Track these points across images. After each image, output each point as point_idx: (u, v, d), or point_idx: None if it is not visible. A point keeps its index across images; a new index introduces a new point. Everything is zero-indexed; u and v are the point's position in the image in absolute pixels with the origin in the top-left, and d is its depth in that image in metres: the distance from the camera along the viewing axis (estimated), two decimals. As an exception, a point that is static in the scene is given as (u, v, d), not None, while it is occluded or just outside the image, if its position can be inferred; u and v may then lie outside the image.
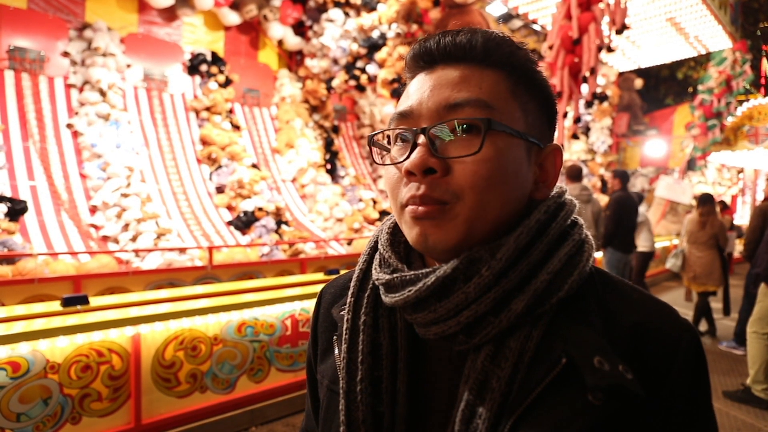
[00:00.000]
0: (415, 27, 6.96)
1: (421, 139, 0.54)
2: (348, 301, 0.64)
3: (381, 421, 0.56)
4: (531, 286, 0.52)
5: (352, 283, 0.65)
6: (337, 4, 8.75)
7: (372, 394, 0.57)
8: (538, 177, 0.59)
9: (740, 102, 10.81)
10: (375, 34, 7.77)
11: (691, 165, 13.13)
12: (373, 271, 0.62)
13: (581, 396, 0.48)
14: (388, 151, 0.60)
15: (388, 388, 0.57)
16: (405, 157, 0.55)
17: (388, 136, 0.60)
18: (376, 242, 0.68)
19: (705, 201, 5.49)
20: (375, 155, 0.62)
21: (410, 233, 0.56)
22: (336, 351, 0.63)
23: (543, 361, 0.50)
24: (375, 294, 0.62)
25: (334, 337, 0.65)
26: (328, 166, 9.37)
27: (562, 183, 0.65)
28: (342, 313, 0.64)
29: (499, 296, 0.51)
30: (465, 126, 0.53)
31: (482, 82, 0.55)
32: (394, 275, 0.57)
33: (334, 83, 8.70)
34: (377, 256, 0.64)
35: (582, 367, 0.48)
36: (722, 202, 9.62)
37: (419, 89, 0.57)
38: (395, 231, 0.65)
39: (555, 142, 0.62)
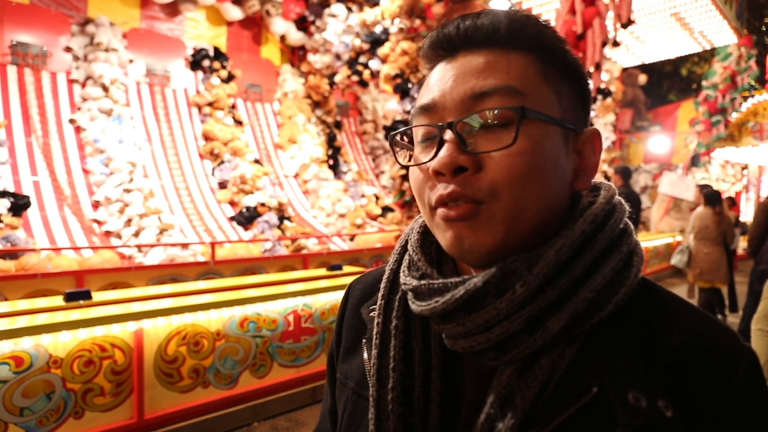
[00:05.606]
0: (418, 22, 6.93)
1: (448, 134, 0.49)
2: (378, 303, 0.60)
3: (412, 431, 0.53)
4: (570, 305, 0.47)
5: (383, 285, 0.61)
6: (339, 0, 8.72)
7: (403, 404, 0.53)
8: (578, 165, 0.54)
9: (745, 98, 10.73)
10: (378, 30, 7.74)
11: (695, 161, 13.04)
12: (402, 275, 0.58)
13: (610, 430, 0.43)
14: (412, 149, 0.55)
15: (420, 398, 0.53)
16: (432, 156, 0.49)
17: (410, 134, 0.55)
18: (408, 241, 0.63)
19: (717, 199, 5.43)
20: (398, 156, 0.57)
21: (444, 237, 0.51)
22: (365, 355, 0.59)
23: (572, 385, 0.46)
24: (406, 297, 0.58)
25: (363, 340, 0.61)
26: (331, 162, 9.35)
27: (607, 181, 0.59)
28: (372, 314, 0.61)
29: (535, 314, 0.47)
30: (496, 116, 0.48)
31: (510, 67, 0.49)
32: (422, 282, 0.53)
33: (337, 79, 8.68)
34: (407, 256, 0.60)
35: (614, 401, 0.43)
36: (730, 198, 9.55)
37: (441, 80, 0.51)
38: (427, 231, 0.60)
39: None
